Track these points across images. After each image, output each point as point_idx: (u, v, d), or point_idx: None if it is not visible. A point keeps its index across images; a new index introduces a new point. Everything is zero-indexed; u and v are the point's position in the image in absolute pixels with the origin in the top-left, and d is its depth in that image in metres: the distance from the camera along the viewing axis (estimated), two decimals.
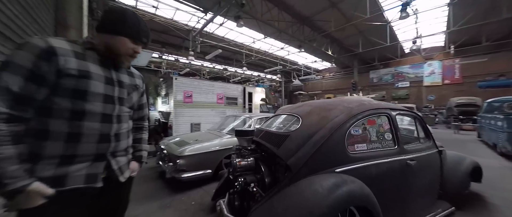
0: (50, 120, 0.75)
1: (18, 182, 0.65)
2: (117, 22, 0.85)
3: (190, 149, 2.77)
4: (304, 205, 1.18)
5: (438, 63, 14.97)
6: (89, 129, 0.81)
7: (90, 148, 0.82)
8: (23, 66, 0.68)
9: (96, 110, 0.83)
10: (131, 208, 2.14)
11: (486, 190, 2.65)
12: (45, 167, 0.74)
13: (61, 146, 0.76)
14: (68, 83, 0.76)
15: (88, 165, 0.83)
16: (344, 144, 1.49)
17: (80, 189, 0.80)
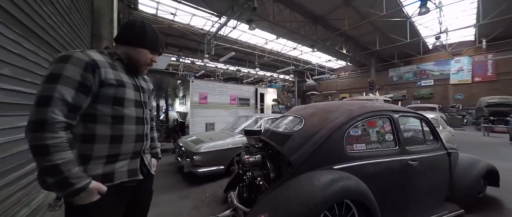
0: (96, 125, 0.83)
1: (82, 181, 0.74)
2: (138, 36, 0.95)
3: (205, 147, 3.06)
4: (302, 195, 1.35)
5: (467, 59, 13.75)
6: (128, 131, 0.92)
7: (129, 147, 0.93)
8: (73, 79, 0.75)
9: (131, 114, 0.94)
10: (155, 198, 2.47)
11: (506, 195, 2.54)
12: (95, 167, 0.83)
13: (107, 147, 0.86)
14: (109, 91, 0.86)
15: (128, 162, 0.94)
16: (343, 143, 1.62)
17: (125, 183, 0.92)
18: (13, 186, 1.58)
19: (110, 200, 0.85)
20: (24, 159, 1.73)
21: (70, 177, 0.71)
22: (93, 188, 0.78)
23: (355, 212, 1.50)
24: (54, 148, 0.69)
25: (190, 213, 2.16)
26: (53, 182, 0.70)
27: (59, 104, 0.72)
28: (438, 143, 2.20)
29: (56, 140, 0.70)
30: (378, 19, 10.05)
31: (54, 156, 0.69)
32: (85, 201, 0.77)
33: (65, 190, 0.72)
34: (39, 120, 0.69)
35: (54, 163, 0.69)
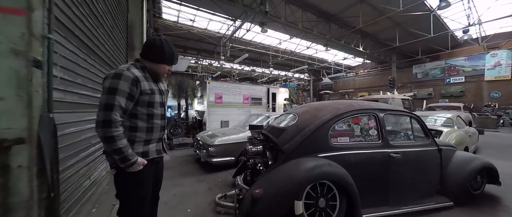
0: (137, 121, 1.22)
1: (134, 158, 1.13)
2: (159, 55, 1.26)
3: (219, 140, 3.54)
4: (290, 175, 1.72)
5: (506, 52, 12.30)
6: (156, 124, 1.29)
7: (157, 135, 1.31)
8: (125, 91, 1.10)
9: (158, 113, 1.30)
10: (177, 180, 3.02)
11: (508, 194, 2.56)
12: (138, 147, 1.22)
13: (144, 134, 1.24)
14: (145, 98, 1.21)
15: (156, 145, 1.33)
16: (327, 136, 1.93)
17: (154, 158, 1.32)
18: (80, 163, 2.20)
19: (147, 169, 1.25)
20: (87, 144, 2.36)
21: (128, 155, 1.11)
22: (140, 162, 1.18)
23: (336, 193, 1.81)
24: (117, 137, 1.07)
25: (205, 192, 2.64)
26: (119, 158, 1.10)
27: (118, 109, 1.08)
28: (429, 139, 2.35)
29: (118, 132, 1.08)
30: (398, 14, 9.64)
31: (118, 142, 1.07)
32: (135, 170, 1.17)
33: (125, 163, 1.11)
34: (107, 120, 1.05)
35: (118, 147, 1.07)
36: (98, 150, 2.68)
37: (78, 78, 2.09)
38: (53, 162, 0.95)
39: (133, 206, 1.22)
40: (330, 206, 1.80)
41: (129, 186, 1.20)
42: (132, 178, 1.18)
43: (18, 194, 0.79)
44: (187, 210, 2.19)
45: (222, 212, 2.14)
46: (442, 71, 15.06)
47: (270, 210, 1.66)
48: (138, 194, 1.23)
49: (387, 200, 2.03)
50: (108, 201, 2.39)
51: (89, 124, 2.35)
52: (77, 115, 2.10)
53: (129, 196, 1.22)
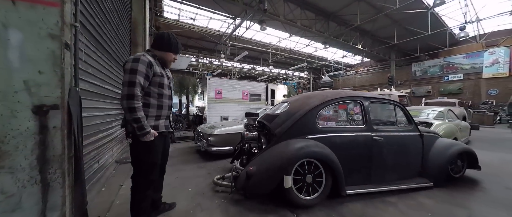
0: (150, 98, 1.48)
1: (148, 128, 1.38)
2: (167, 45, 1.55)
3: (218, 130, 3.75)
4: (280, 153, 1.92)
5: (504, 50, 12.39)
6: (165, 103, 1.57)
7: (165, 112, 1.59)
8: (143, 72, 1.37)
9: (167, 93, 1.58)
10: (179, 167, 3.23)
11: (488, 178, 2.74)
12: (150, 121, 1.46)
13: (155, 111, 1.51)
14: (156, 79, 1.48)
15: (164, 121, 1.61)
16: (315, 120, 2.12)
17: (163, 132, 1.59)
18: (90, 147, 2.41)
19: (157, 141, 1.50)
20: (96, 129, 2.58)
21: (144, 125, 1.36)
22: (152, 133, 1.42)
23: (322, 170, 2.01)
24: (138, 109, 1.32)
25: (204, 176, 2.85)
26: (136, 127, 1.33)
27: (138, 85, 1.34)
28: (412, 126, 2.54)
29: (138, 105, 1.33)
30: (396, 12, 9.78)
31: (138, 113, 1.32)
32: (148, 139, 1.41)
33: (141, 131, 1.35)
34: (130, 94, 1.31)
35: (138, 116, 1.32)
36: (106, 137, 2.89)
37: (89, 68, 2.29)
38: (78, 127, 1.15)
39: (144, 169, 1.46)
40: (317, 182, 2.00)
41: (142, 153, 1.43)
42: (145, 147, 1.42)
43: (54, 149, 1.00)
44: (188, 189, 2.40)
45: (220, 191, 2.34)
46: (441, 69, 15.17)
47: (262, 183, 1.86)
48: (149, 160, 1.46)
49: (370, 179, 2.22)
50: (115, 183, 2.61)
51: (97, 111, 2.56)
52: (88, 102, 2.31)
53: (142, 161, 1.45)
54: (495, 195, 2.24)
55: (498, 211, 1.90)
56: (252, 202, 2.05)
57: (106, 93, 2.89)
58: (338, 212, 1.86)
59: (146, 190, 1.48)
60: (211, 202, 2.07)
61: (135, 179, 1.48)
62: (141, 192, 1.46)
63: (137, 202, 1.46)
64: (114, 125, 3.32)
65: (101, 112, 2.67)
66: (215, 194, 2.26)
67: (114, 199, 2.14)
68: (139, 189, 1.46)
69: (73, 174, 1.11)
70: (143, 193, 1.47)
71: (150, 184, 1.51)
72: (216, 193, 2.29)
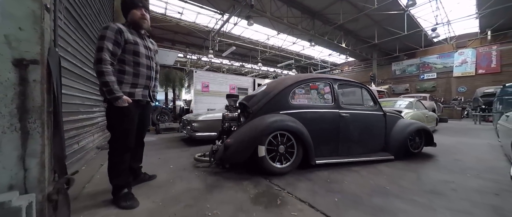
0: (125, 66, 1.50)
1: (118, 93, 1.40)
2: (125, 4, 1.57)
3: (202, 117, 3.86)
4: (255, 125, 2.09)
5: (471, 51, 13.59)
6: (142, 72, 1.58)
7: (143, 81, 1.60)
8: (111, 38, 1.39)
9: (143, 62, 1.58)
10: (163, 152, 3.30)
11: (442, 153, 3.11)
12: (125, 87, 1.51)
13: (131, 78, 1.53)
14: (130, 47, 1.49)
15: (142, 90, 1.61)
16: (288, 98, 2.32)
17: (140, 101, 1.61)
18: (70, 125, 2.43)
19: (132, 108, 1.53)
20: (76, 110, 2.59)
21: (113, 89, 1.38)
22: (125, 99, 1.45)
23: (294, 142, 2.21)
24: (106, 73, 1.35)
25: (187, 158, 2.95)
26: (106, 90, 1.38)
27: (106, 50, 1.37)
28: (377, 106, 2.83)
29: (106, 69, 1.36)
30: (376, 13, 10.38)
31: (106, 77, 1.36)
32: (121, 105, 1.44)
33: (111, 95, 1.39)
34: (98, 58, 1.35)
35: (106, 80, 1.36)
36: (86, 120, 2.90)
37: (69, 47, 2.32)
38: (58, 85, 1.23)
39: (119, 135, 1.52)
40: (289, 153, 2.19)
41: (116, 118, 1.49)
42: (118, 112, 1.46)
43: (33, 100, 1.08)
44: (170, 166, 2.50)
45: (200, 166, 2.47)
46: (418, 68, 16.26)
47: (238, 152, 2.02)
48: (123, 126, 1.51)
49: (338, 151, 2.46)
50: (96, 163, 2.64)
51: (77, 92, 2.58)
52: (67, 80, 2.33)
53: (115, 127, 1.51)
54: (444, 164, 2.58)
55: (442, 174, 2.21)
56: (229, 173, 2.20)
57: (86, 76, 2.90)
58: (306, 177, 2.07)
59: (121, 154, 1.53)
60: (191, 174, 2.20)
61: (111, 144, 1.53)
62: (116, 156, 1.52)
63: (113, 165, 1.52)
64: (95, 110, 3.31)
65: (81, 93, 2.68)
66: (195, 169, 2.39)
67: (94, 174, 2.19)
68: (114, 153, 1.53)
69: (52, 127, 1.19)
70: (118, 156, 1.52)
71: (126, 149, 1.55)
72: (196, 168, 2.41)
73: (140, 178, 1.92)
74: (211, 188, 1.80)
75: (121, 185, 1.53)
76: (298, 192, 1.72)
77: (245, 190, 1.76)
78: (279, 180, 1.99)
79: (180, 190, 1.78)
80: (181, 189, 1.80)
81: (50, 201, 1.16)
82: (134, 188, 1.72)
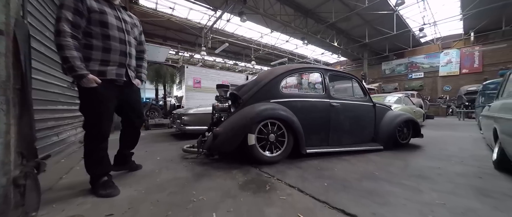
0: (92, 39, 1.30)
1: (81, 71, 1.21)
2: None
3: (192, 110, 3.76)
4: (245, 114, 2.04)
5: (455, 51, 14.20)
6: (115, 46, 1.38)
7: (116, 58, 1.40)
8: (70, 6, 1.20)
9: (115, 35, 1.38)
10: (151, 144, 3.16)
11: (430, 145, 3.19)
12: (94, 64, 1.32)
13: (100, 54, 1.33)
14: (95, 17, 1.30)
15: (116, 68, 1.41)
16: (279, 86, 2.29)
17: (113, 80, 1.41)
18: (48, 114, 2.28)
19: (106, 89, 1.36)
20: (54, 99, 2.44)
21: (74, 66, 1.19)
22: (90, 78, 1.26)
23: (285, 131, 2.18)
24: (66, 47, 1.17)
25: (176, 150, 2.86)
26: (65, 67, 1.21)
27: (65, 21, 1.18)
28: (366, 97, 2.85)
29: (66, 42, 1.17)
30: (366, 12, 10.60)
31: (66, 51, 1.17)
32: (88, 85, 1.27)
33: (71, 73, 1.21)
34: (57, 30, 1.18)
35: (65, 55, 1.17)
36: (66, 112, 2.74)
37: (47, 31, 2.17)
38: (26, 61, 1.13)
39: (90, 120, 1.37)
40: (279, 142, 2.16)
41: (85, 100, 1.33)
42: (87, 94, 1.30)
43: None
44: (157, 158, 2.40)
45: (189, 158, 2.39)
46: (406, 68, 16.78)
47: (227, 141, 1.97)
48: (93, 109, 1.35)
49: (328, 141, 2.46)
50: (77, 157, 2.49)
51: (55, 80, 2.43)
52: (44, 66, 2.19)
53: (87, 110, 1.36)
54: (430, 153, 2.64)
55: (428, 161, 2.25)
56: (218, 163, 2.14)
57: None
58: (296, 165, 2.04)
59: (94, 141, 1.39)
60: (178, 165, 2.12)
61: (85, 130, 1.40)
62: (91, 142, 1.40)
63: (89, 152, 1.41)
64: (78, 102, 3.14)
65: (59, 82, 2.53)
66: (184, 160, 2.31)
67: (74, 166, 2.07)
68: (89, 139, 1.40)
69: (19, 105, 1.09)
70: (93, 143, 1.40)
71: (101, 136, 1.40)
72: (185, 160, 2.33)
73: (128, 165, 1.83)
74: (199, 177, 1.74)
75: (98, 173, 1.43)
76: (288, 178, 1.69)
77: (234, 178, 1.70)
78: (269, 168, 1.95)
79: (166, 179, 1.70)
80: (166, 178, 1.72)
81: (16, 186, 1.05)
82: (117, 178, 1.63)
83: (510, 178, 1.69)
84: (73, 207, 1.24)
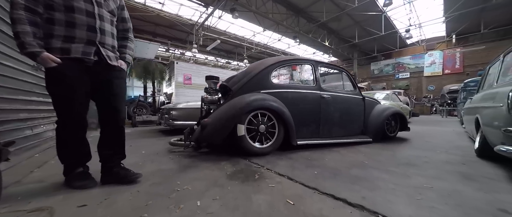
0: (54, 13, 1.13)
1: (32, 48, 1.05)
2: None
3: (181, 105, 3.64)
4: (234, 104, 1.98)
5: (439, 53, 14.89)
6: (79, 20, 1.18)
7: (83, 34, 1.19)
8: None
9: (81, 7, 1.18)
10: (138, 140, 3.03)
11: (416, 138, 3.28)
12: (56, 42, 1.14)
13: (63, 29, 1.15)
14: None
15: (83, 45, 1.20)
16: (269, 77, 2.25)
17: (79, 59, 1.20)
18: (19, 104, 2.10)
19: (72, 69, 1.18)
20: (28, 88, 2.26)
21: (25, 43, 1.04)
22: (44, 56, 1.09)
23: (275, 122, 2.14)
24: (18, 20, 1.04)
25: (163, 144, 2.74)
26: (17, 44, 1.06)
27: None
28: (356, 90, 2.88)
29: (19, 15, 1.04)
30: (356, 13, 10.85)
31: (17, 26, 1.04)
32: (46, 65, 1.11)
33: (22, 51, 1.06)
34: (10, 2, 1.06)
35: (16, 30, 1.04)
36: (42, 104, 2.55)
37: None
38: None
39: (56, 104, 1.22)
40: (270, 133, 2.12)
41: (48, 83, 1.18)
42: (48, 75, 1.17)
43: None
44: (142, 152, 2.28)
45: (176, 151, 2.30)
46: (393, 68, 17.38)
47: (216, 131, 1.90)
48: (57, 92, 1.20)
49: (319, 133, 2.45)
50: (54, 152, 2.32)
51: (28, 68, 2.24)
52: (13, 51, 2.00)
53: (51, 94, 1.22)
54: (416, 145, 2.71)
55: (415, 152, 2.30)
56: (207, 156, 2.07)
57: None
58: (287, 156, 2.01)
59: (65, 128, 1.25)
60: (164, 158, 2.02)
61: (57, 116, 1.26)
62: (59, 130, 1.26)
63: (60, 141, 1.28)
64: None
65: (34, 71, 2.34)
66: (170, 153, 2.21)
67: (49, 160, 1.91)
68: (58, 127, 1.27)
69: None
70: (62, 131, 1.26)
71: (69, 123, 1.24)
72: (171, 153, 2.23)
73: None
74: (185, 168, 1.66)
75: (72, 164, 1.31)
76: (278, 168, 1.64)
77: (222, 169, 1.64)
78: (259, 159, 1.90)
79: (149, 171, 1.61)
80: (150, 170, 1.63)
81: None
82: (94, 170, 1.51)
83: (492, 164, 1.75)
84: (42, 199, 1.13)
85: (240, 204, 1.05)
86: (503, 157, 1.44)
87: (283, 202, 1.08)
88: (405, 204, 1.04)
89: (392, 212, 0.95)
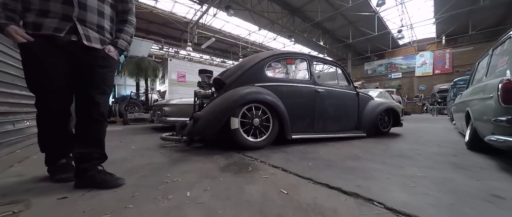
0: None
1: None
2: None
3: (174, 101, 3.55)
4: (227, 97, 1.93)
5: (429, 53, 15.29)
6: None
7: (58, 7, 1.04)
8: None
9: None
10: (129, 137, 2.93)
11: (409, 133, 3.32)
12: (30, 16, 1.03)
13: (38, 2, 1.02)
14: None
15: (57, 21, 1.05)
16: (263, 70, 2.21)
17: (51, 36, 1.04)
18: (2, 99, 1.98)
19: (44, 48, 1.04)
20: (10, 81, 2.13)
21: None
22: (11, 30, 0.99)
23: (270, 116, 2.10)
24: None
25: (155, 140, 2.66)
26: None
27: None
28: (350, 85, 2.89)
29: None
30: (350, 13, 11.00)
31: None
32: (15, 40, 1.02)
33: None
34: None
35: None
36: (26, 98, 2.42)
37: None
38: None
39: (29, 87, 1.10)
40: (264, 127, 2.08)
41: (22, 62, 1.07)
42: (21, 54, 1.06)
43: None
44: (132, 147, 2.20)
45: (168, 146, 2.23)
46: (386, 68, 17.72)
47: (209, 124, 1.85)
48: (29, 76, 1.08)
49: (313, 127, 2.44)
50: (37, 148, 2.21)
51: (10, 60, 2.13)
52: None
53: (25, 76, 1.10)
54: (409, 139, 2.74)
55: (408, 145, 2.32)
56: (199, 150, 2.01)
57: None
58: (281, 150, 1.98)
59: (41, 114, 1.16)
60: (155, 152, 1.95)
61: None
62: (37, 117, 1.17)
63: (39, 129, 1.20)
64: None
65: (17, 63, 2.22)
66: (161, 148, 2.14)
67: (31, 155, 1.81)
68: (36, 115, 1.18)
69: None
70: (39, 117, 1.17)
71: (45, 108, 1.14)
72: (163, 148, 2.16)
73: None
74: (176, 162, 1.60)
75: (53, 153, 1.24)
76: (272, 160, 1.61)
77: (215, 162, 1.59)
78: (253, 153, 1.86)
79: (138, 165, 1.54)
80: (139, 164, 1.56)
81: None
82: None
83: (482, 155, 1.78)
84: (19, 192, 1.05)
85: (232, 194, 1.01)
86: (493, 148, 1.46)
87: (276, 191, 1.04)
88: (400, 192, 1.03)
89: (387, 199, 0.93)
